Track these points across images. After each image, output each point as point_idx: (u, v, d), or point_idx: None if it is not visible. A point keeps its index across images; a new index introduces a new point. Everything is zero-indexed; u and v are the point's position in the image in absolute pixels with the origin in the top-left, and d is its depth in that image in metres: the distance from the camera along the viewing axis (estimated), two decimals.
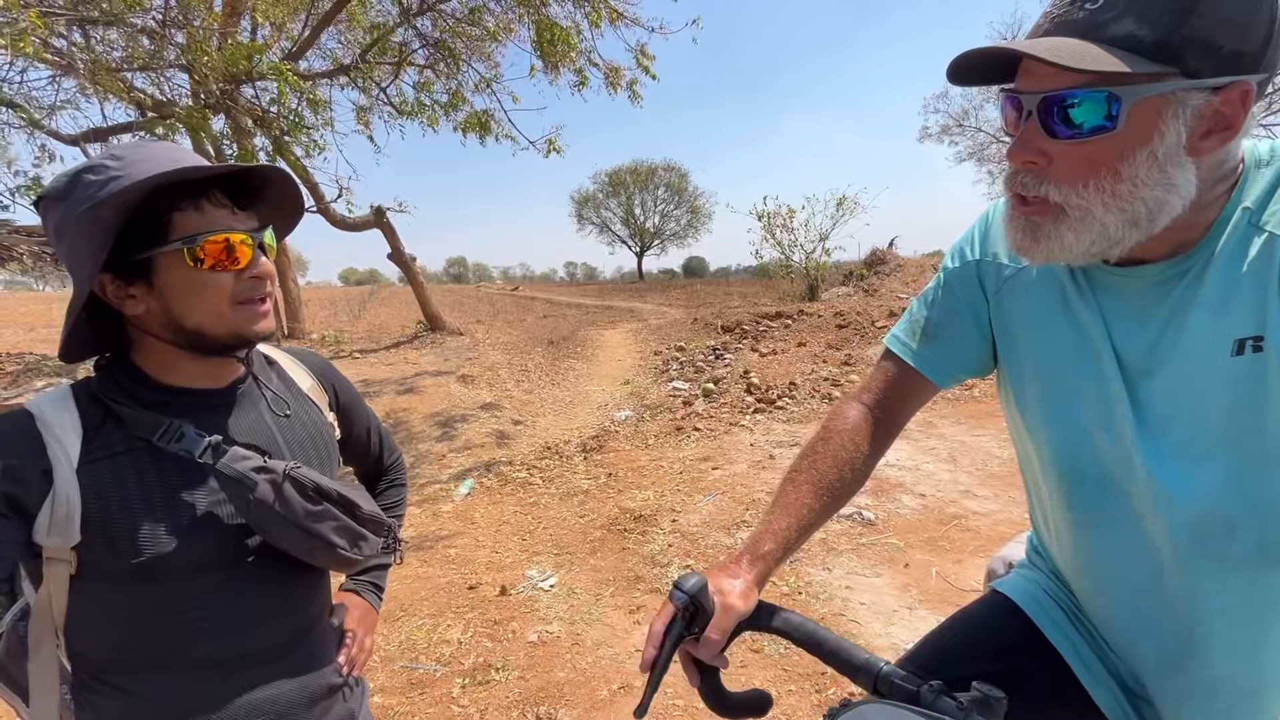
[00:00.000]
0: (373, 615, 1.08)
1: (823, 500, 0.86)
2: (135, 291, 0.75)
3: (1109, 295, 0.76)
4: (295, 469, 0.80)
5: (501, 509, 4.36)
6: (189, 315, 0.76)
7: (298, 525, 0.79)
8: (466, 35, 6.30)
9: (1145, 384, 0.72)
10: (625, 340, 10.85)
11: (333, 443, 0.96)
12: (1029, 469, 0.93)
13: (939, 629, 0.99)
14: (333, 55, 7.17)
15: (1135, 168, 0.62)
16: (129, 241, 0.73)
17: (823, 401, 6.51)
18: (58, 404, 0.74)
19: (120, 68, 5.62)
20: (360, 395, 1.10)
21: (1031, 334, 0.82)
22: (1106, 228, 0.65)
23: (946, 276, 0.92)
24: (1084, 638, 0.88)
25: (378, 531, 0.89)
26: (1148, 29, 0.58)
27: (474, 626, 2.85)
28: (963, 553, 3.29)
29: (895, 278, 12.76)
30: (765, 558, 0.81)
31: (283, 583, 0.85)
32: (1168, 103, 0.60)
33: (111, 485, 0.73)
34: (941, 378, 0.91)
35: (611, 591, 3.11)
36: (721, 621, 0.75)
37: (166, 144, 0.80)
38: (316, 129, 5.71)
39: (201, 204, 0.75)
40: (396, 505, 1.16)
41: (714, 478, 4.62)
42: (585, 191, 42.24)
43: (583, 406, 7.35)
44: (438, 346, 9.95)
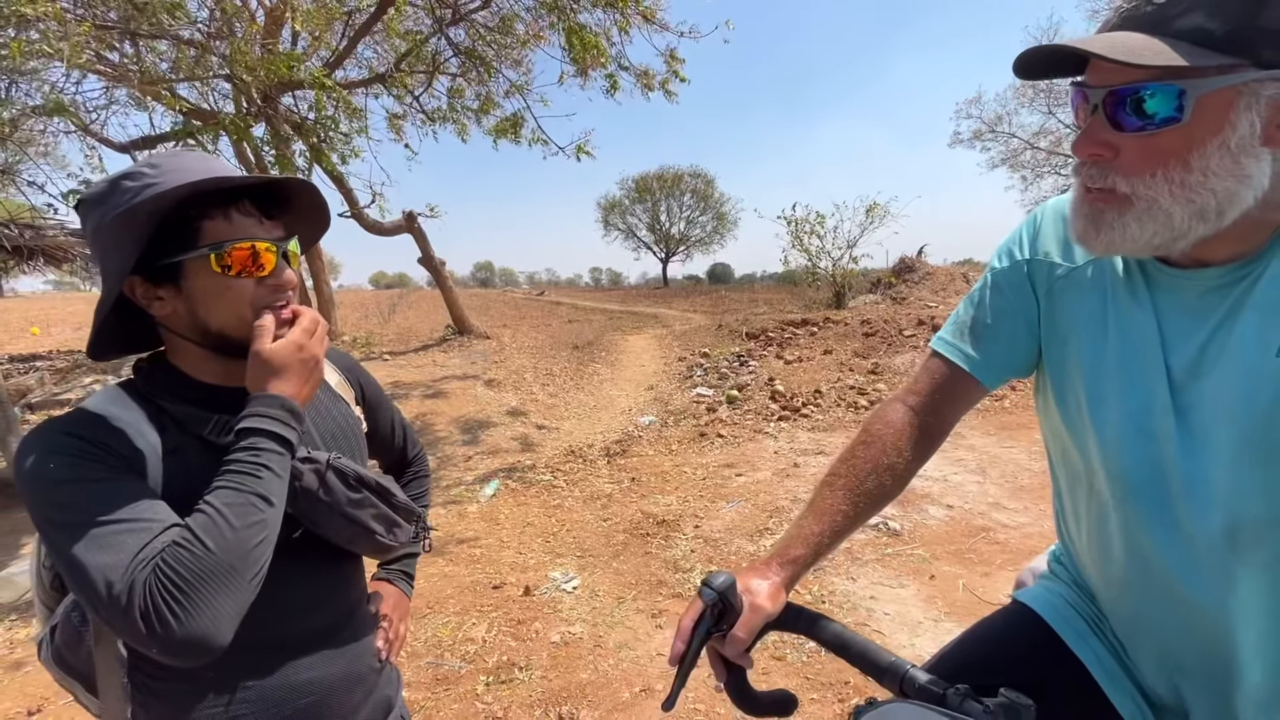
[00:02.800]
0: (405, 602, 1.12)
1: (858, 506, 0.85)
2: (163, 294, 0.79)
3: (1166, 296, 0.75)
4: (337, 459, 0.84)
5: (526, 511, 4.41)
6: (213, 318, 0.80)
7: (340, 512, 0.83)
8: (498, 43, 6.42)
9: (1193, 387, 0.71)
10: (649, 346, 10.88)
11: (361, 435, 1.00)
12: (1061, 472, 0.92)
13: (959, 638, 0.98)
14: (369, 65, 7.37)
15: (1206, 158, 0.62)
16: (160, 246, 0.76)
17: (849, 410, 6.45)
18: (121, 403, 0.78)
19: (168, 78, 5.85)
20: (384, 391, 1.14)
21: (1081, 334, 0.82)
22: (1172, 219, 0.65)
23: (994, 277, 0.92)
24: (1106, 648, 0.87)
25: (409, 519, 0.92)
26: (1217, 21, 0.58)
27: (498, 625, 2.89)
28: (990, 565, 3.24)
29: (924, 286, 12.56)
30: (796, 561, 0.82)
31: (324, 570, 0.89)
32: (1239, 93, 0.60)
33: (181, 477, 0.77)
34: (989, 378, 0.90)
35: (634, 595, 3.13)
36: (749, 621, 0.76)
37: (200, 154, 0.84)
38: (353, 136, 5.87)
39: (230, 212, 0.79)
40: (422, 496, 1.21)
41: (737, 484, 4.61)
42: (612, 198, 42.46)
43: (607, 411, 7.39)
44: (465, 350, 10.09)
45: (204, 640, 0.66)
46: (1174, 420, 0.72)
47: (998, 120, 21.57)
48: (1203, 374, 0.70)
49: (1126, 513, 0.77)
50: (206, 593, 0.67)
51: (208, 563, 0.67)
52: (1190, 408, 0.71)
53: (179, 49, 5.26)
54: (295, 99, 6.43)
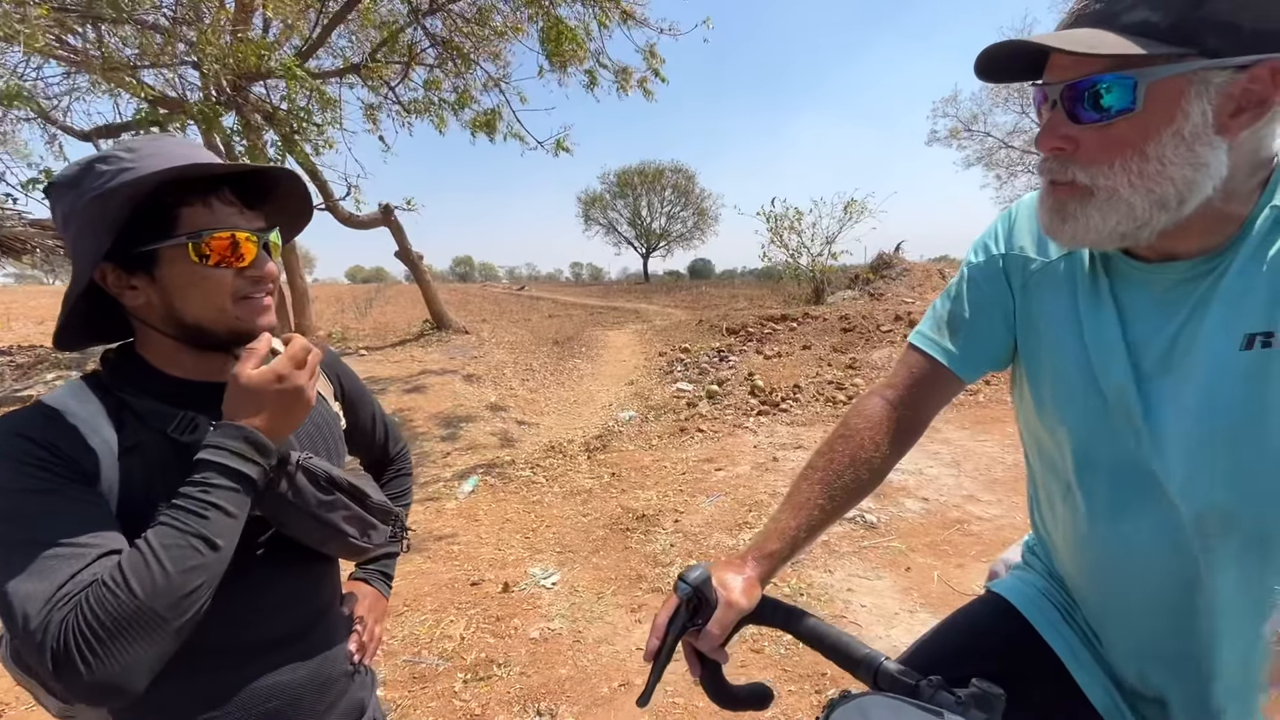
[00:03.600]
0: (382, 603, 1.09)
1: (835, 500, 0.86)
2: (136, 283, 0.76)
3: (1133, 291, 0.76)
4: (307, 459, 0.81)
5: (505, 507, 4.37)
6: (189, 309, 0.77)
7: (310, 514, 0.80)
8: (475, 35, 6.33)
9: (1158, 381, 0.73)
10: (630, 341, 10.86)
11: (339, 432, 0.98)
12: (1036, 463, 0.93)
13: (935, 629, 0.99)
14: (343, 54, 7.22)
15: (1161, 147, 0.63)
16: (134, 233, 0.73)
17: (827, 405, 6.51)
18: (79, 396, 0.75)
19: (133, 64, 5.67)
20: (365, 386, 1.11)
21: (1053, 327, 0.83)
22: (1133, 208, 0.66)
23: (971, 271, 0.93)
24: (1078, 637, 0.89)
25: (386, 520, 0.90)
26: (1161, 14, 0.60)
27: (476, 622, 2.86)
28: (965, 557, 3.29)
29: (901, 282, 12.72)
30: (771, 556, 0.82)
31: (295, 571, 0.86)
32: (1189, 81, 0.61)
33: (139, 475, 0.74)
34: (967, 372, 0.91)
35: (613, 590, 3.12)
36: (724, 616, 0.76)
37: (179, 139, 0.81)
38: (326, 126, 5.75)
39: (210, 201, 0.76)
40: (403, 495, 1.18)
41: (717, 479, 4.63)
42: (593, 192, 42.32)
43: (587, 406, 7.36)
44: (443, 345, 9.98)
45: (112, 689, 0.63)
46: (1142, 413, 0.73)
47: (973, 119, 21.88)
48: (1172, 367, 0.72)
49: (1098, 504, 0.79)
50: (124, 641, 0.63)
51: (130, 608, 0.64)
52: (1157, 401, 0.73)
53: (144, 34, 5.10)
54: (267, 88, 6.28)
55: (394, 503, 0.98)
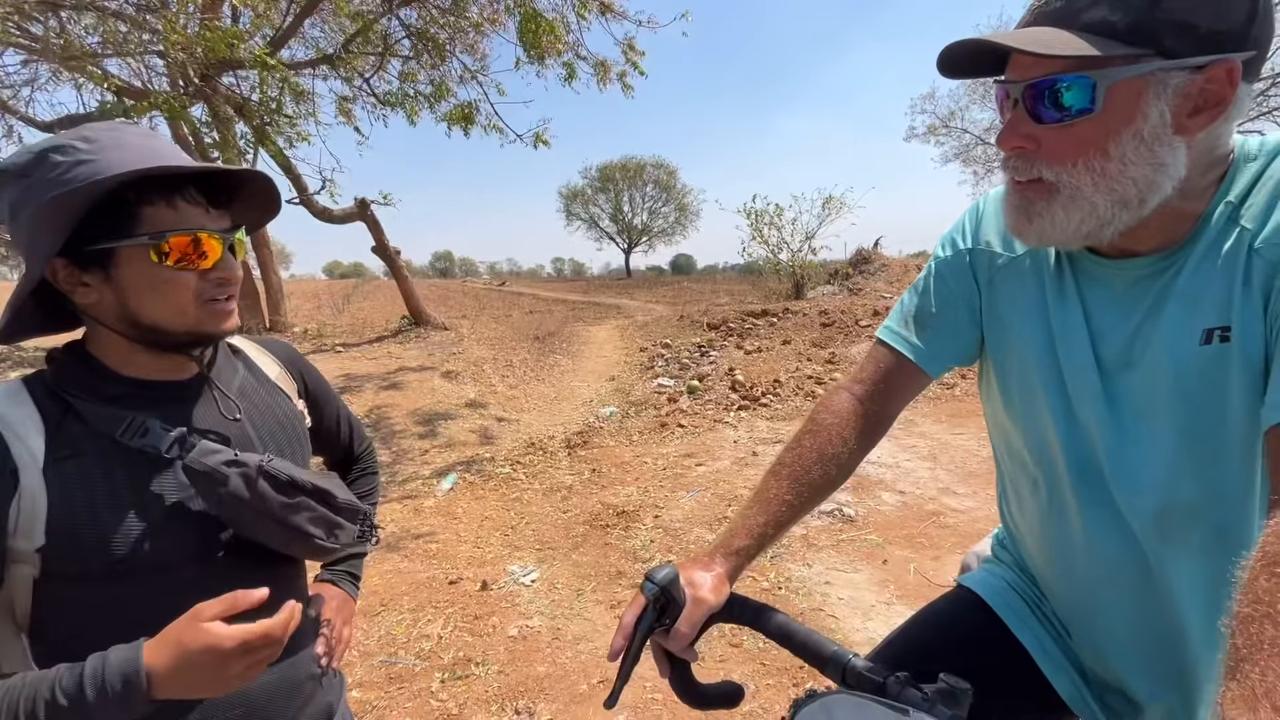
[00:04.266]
0: (350, 605, 1.07)
1: (802, 496, 0.86)
2: (89, 280, 0.72)
3: (1096, 287, 0.77)
4: (269, 462, 0.79)
5: (484, 504, 4.34)
6: (146, 310, 0.74)
7: (273, 518, 0.78)
8: (451, 26, 6.24)
9: (1123, 375, 0.73)
10: (611, 337, 10.84)
11: (304, 431, 0.95)
12: (1004, 458, 0.94)
13: (906, 624, 1.00)
14: (315, 45, 7.07)
15: (1122, 147, 0.64)
16: (89, 228, 0.70)
17: (806, 399, 6.55)
18: (14, 400, 0.71)
19: (95, 53, 5.50)
20: (329, 384, 1.08)
21: (1019, 323, 0.83)
22: (1096, 207, 0.66)
23: (938, 266, 0.93)
24: (1046, 629, 0.90)
25: (353, 519, 0.87)
26: (1119, 14, 0.60)
27: (454, 621, 2.84)
28: (940, 549, 3.33)
29: (880, 277, 12.86)
30: (739, 553, 0.82)
31: (258, 575, 0.83)
32: (1147, 83, 0.61)
33: (77, 485, 0.71)
34: (933, 366, 0.91)
35: (593, 587, 3.11)
36: (692, 614, 0.75)
37: (141, 129, 0.77)
38: (299, 119, 5.62)
39: (175, 200, 0.73)
40: (370, 494, 1.16)
41: (697, 474, 4.64)
42: (574, 187, 42.11)
43: (568, 403, 7.33)
44: (422, 341, 9.87)
45: None
46: (1105, 408, 0.74)
47: (950, 116, 22.13)
48: (1133, 363, 0.72)
49: (1064, 497, 0.79)
50: None
51: None
52: (1120, 396, 0.73)
53: (106, 22, 4.94)
54: (237, 79, 6.13)
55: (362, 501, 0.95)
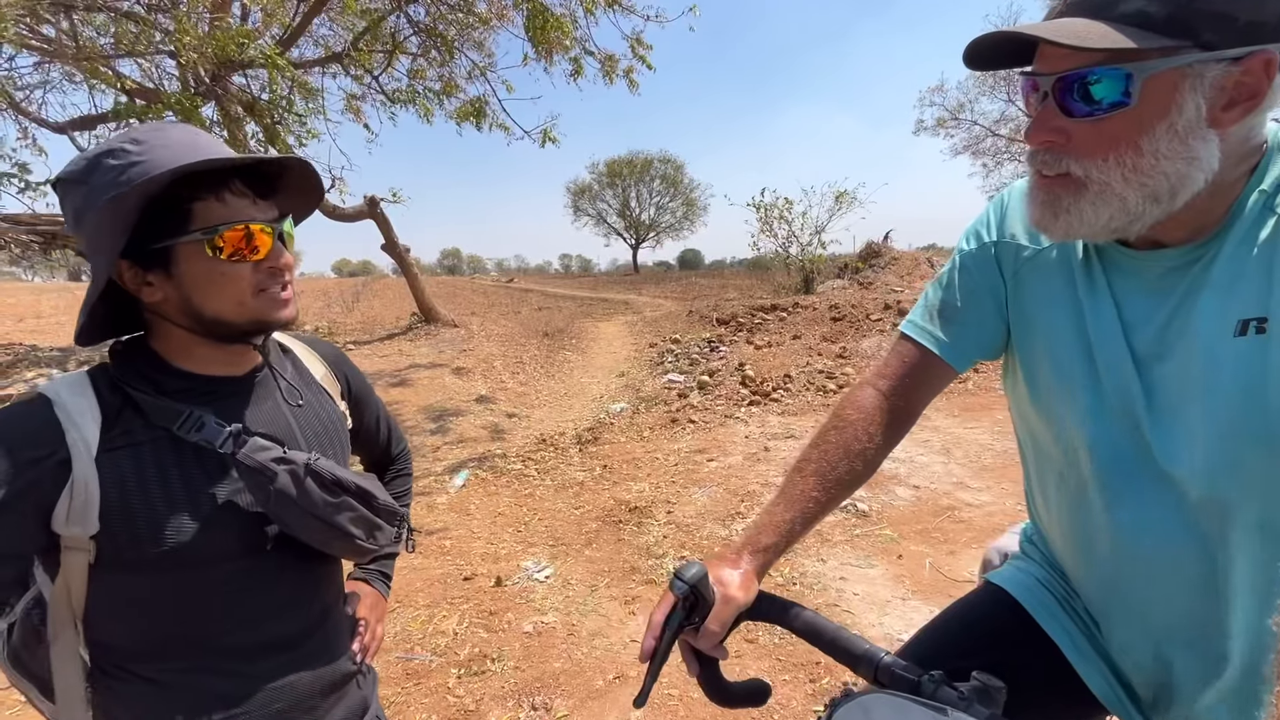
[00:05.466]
0: (382, 604, 1.10)
1: (829, 492, 0.85)
2: (153, 279, 0.75)
3: (1125, 278, 0.76)
4: (315, 461, 0.80)
5: (496, 501, 4.35)
6: (208, 304, 0.76)
7: (317, 516, 0.79)
8: (460, 22, 6.23)
9: (1157, 368, 0.72)
10: (620, 332, 10.83)
11: (345, 432, 0.97)
12: (1031, 452, 0.92)
13: (934, 621, 0.99)
14: (324, 43, 7.08)
15: (1155, 141, 0.62)
16: (148, 229, 0.72)
17: (818, 394, 6.52)
18: (76, 389, 0.74)
19: (107, 54, 5.53)
20: (371, 386, 1.10)
21: (1046, 316, 0.82)
22: (1126, 202, 0.65)
23: (962, 259, 0.92)
24: (1077, 625, 0.89)
25: (391, 521, 0.89)
26: (1157, 5, 0.58)
27: (469, 617, 2.85)
28: (956, 544, 3.31)
29: (890, 271, 12.75)
30: (767, 550, 0.81)
31: (300, 572, 0.85)
32: (1184, 76, 0.60)
33: (132, 474, 0.73)
34: (958, 361, 0.90)
35: (607, 582, 3.12)
36: (721, 612, 0.75)
37: (186, 128, 0.79)
38: (308, 117, 5.64)
39: (223, 194, 0.75)
40: (404, 495, 1.18)
41: (709, 470, 4.63)
42: (582, 182, 42.11)
43: (578, 399, 7.34)
44: (432, 338, 9.91)
45: None
46: (1143, 400, 0.73)
47: (960, 108, 21.94)
48: (1165, 354, 0.71)
49: (1101, 492, 0.78)
50: None
51: None
52: (1157, 387, 0.72)
53: (119, 23, 4.97)
54: (246, 78, 6.15)
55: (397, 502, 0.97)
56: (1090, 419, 0.77)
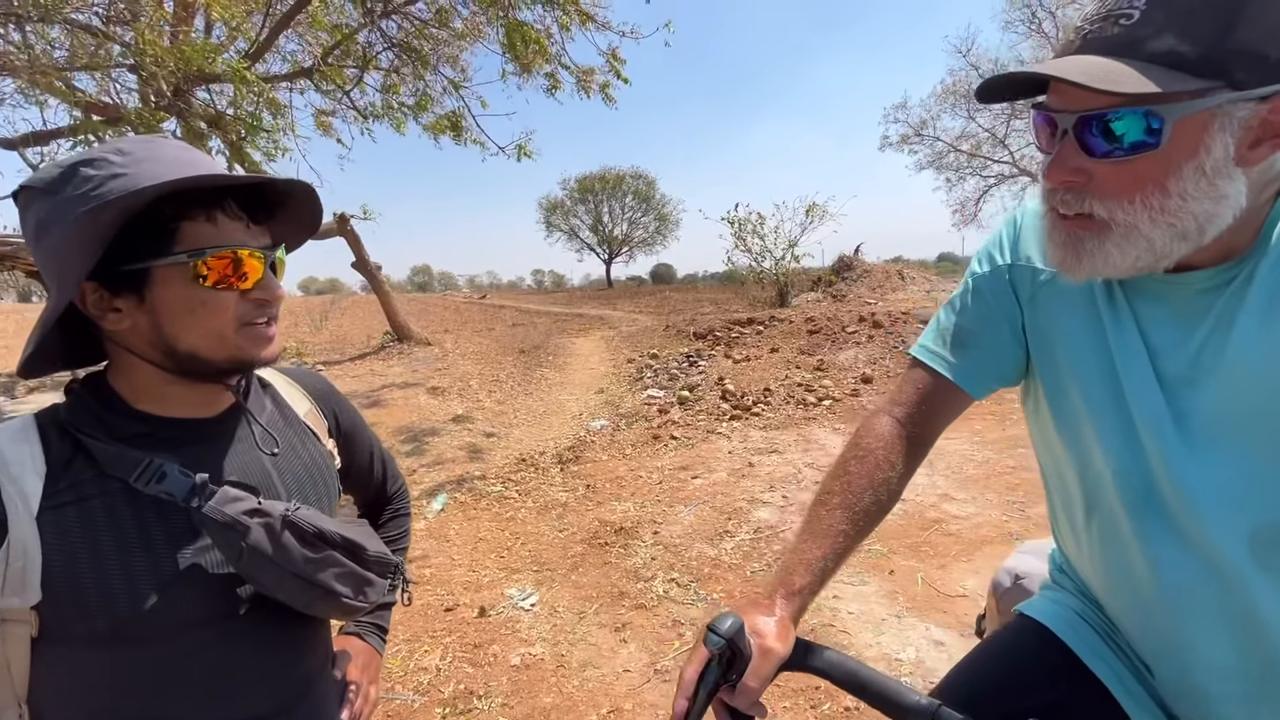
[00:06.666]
0: (376, 661, 1.00)
1: (858, 525, 0.81)
2: (121, 304, 0.66)
3: (1150, 303, 0.73)
4: (294, 512, 0.71)
5: (477, 525, 4.22)
6: (184, 336, 0.68)
7: (296, 574, 0.70)
8: (434, 38, 6.17)
9: (1189, 394, 0.69)
10: (597, 348, 10.76)
11: (332, 475, 0.88)
12: (1057, 481, 0.89)
13: (971, 659, 0.94)
14: (292, 59, 6.95)
15: (1182, 183, 0.60)
16: (122, 248, 0.63)
17: (798, 407, 6.53)
18: (17, 437, 0.65)
19: (62, 68, 5.32)
20: (363, 419, 1.01)
21: (1067, 341, 0.79)
22: (1153, 242, 0.63)
23: (976, 282, 0.89)
24: (1122, 661, 0.84)
25: (383, 573, 0.80)
26: (1189, 44, 0.56)
27: (453, 651, 2.72)
28: (945, 557, 3.29)
29: (862, 283, 12.96)
30: (800, 592, 0.76)
31: (279, 637, 0.76)
32: (1213, 116, 0.57)
33: (79, 534, 0.63)
34: (976, 388, 0.87)
35: (595, 609, 3.02)
36: (761, 667, 0.68)
37: (175, 142, 0.71)
38: (275, 132, 5.49)
39: (215, 215, 0.67)
40: (401, 537, 1.09)
41: (694, 487, 4.56)
42: (554, 198, 42.11)
43: (557, 416, 7.22)
44: (405, 357, 9.70)
45: None
46: (1174, 428, 0.69)
47: (923, 124, 22.54)
48: (1199, 380, 0.68)
49: (1134, 524, 0.74)
50: None
51: None
52: (1189, 414, 0.69)
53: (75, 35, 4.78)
54: (210, 92, 5.98)
55: (392, 546, 0.89)
56: (1119, 448, 0.74)
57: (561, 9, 5.57)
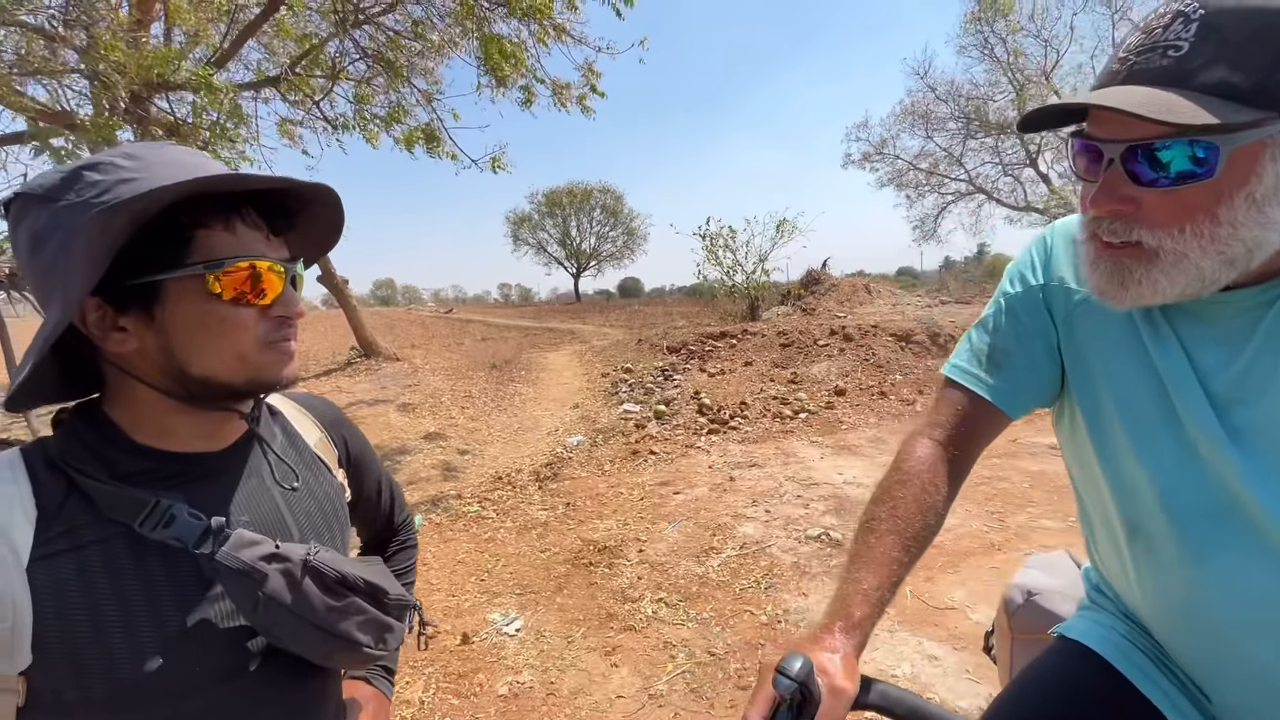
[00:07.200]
0: (386, 708, 0.93)
1: (910, 551, 0.78)
2: (127, 323, 0.59)
3: (1192, 322, 0.73)
4: (315, 555, 0.64)
5: (454, 547, 4.09)
6: (198, 357, 0.61)
7: (317, 625, 0.63)
8: (408, 50, 6.07)
9: (1240, 413, 0.69)
10: (570, 362, 10.67)
11: (344, 510, 0.81)
12: (1097, 501, 0.88)
13: (1017, 686, 0.91)
14: (257, 68, 6.76)
15: (1234, 211, 0.60)
16: (130, 260, 0.57)
17: (775, 420, 6.55)
18: (3, 477, 0.57)
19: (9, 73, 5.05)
20: (370, 445, 0.94)
21: (1106, 362, 0.79)
22: (1203, 271, 0.63)
23: (1009, 302, 0.89)
24: (1173, 684, 0.83)
25: (402, 616, 0.74)
26: (1241, 76, 0.56)
27: (436, 682, 2.61)
28: (931, 569, 3.31)
29: (830, 297, 13.19)
30: (861, 624, 0.72)
31: (291, 693, 0.69)
32: (1265, 145, 0.58)
33: (76, 588, 0.56)
34: (1013, 408, 0.86)
35: (583, 632, 2.94)
36: (833, 710, 0.64)
37: (184, 148, 0.65)
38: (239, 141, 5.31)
39: (233, 223, 0.61)
40: (408, 571, 1.02)
41: (677, 503, 4.52)
42: (521, 212, 41.95)
43: (532, 433, 7.11)
44: (373, 373, 9.45)
45: None
46: (1231, 445, 0.68)
47: (883, 143, 23.21)
48: (1251, 400, 0.68)
49: (1189, 543, 0.72)
50: None
51: None
52: (1245, 431, 0.68)
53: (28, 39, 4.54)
54: (169, 100, 5.76)
55: (400, 581, 0.82)
56: (1173, 468, 0.73)
57: (538, 23, 5.55)
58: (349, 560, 0.70)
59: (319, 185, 0.66)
